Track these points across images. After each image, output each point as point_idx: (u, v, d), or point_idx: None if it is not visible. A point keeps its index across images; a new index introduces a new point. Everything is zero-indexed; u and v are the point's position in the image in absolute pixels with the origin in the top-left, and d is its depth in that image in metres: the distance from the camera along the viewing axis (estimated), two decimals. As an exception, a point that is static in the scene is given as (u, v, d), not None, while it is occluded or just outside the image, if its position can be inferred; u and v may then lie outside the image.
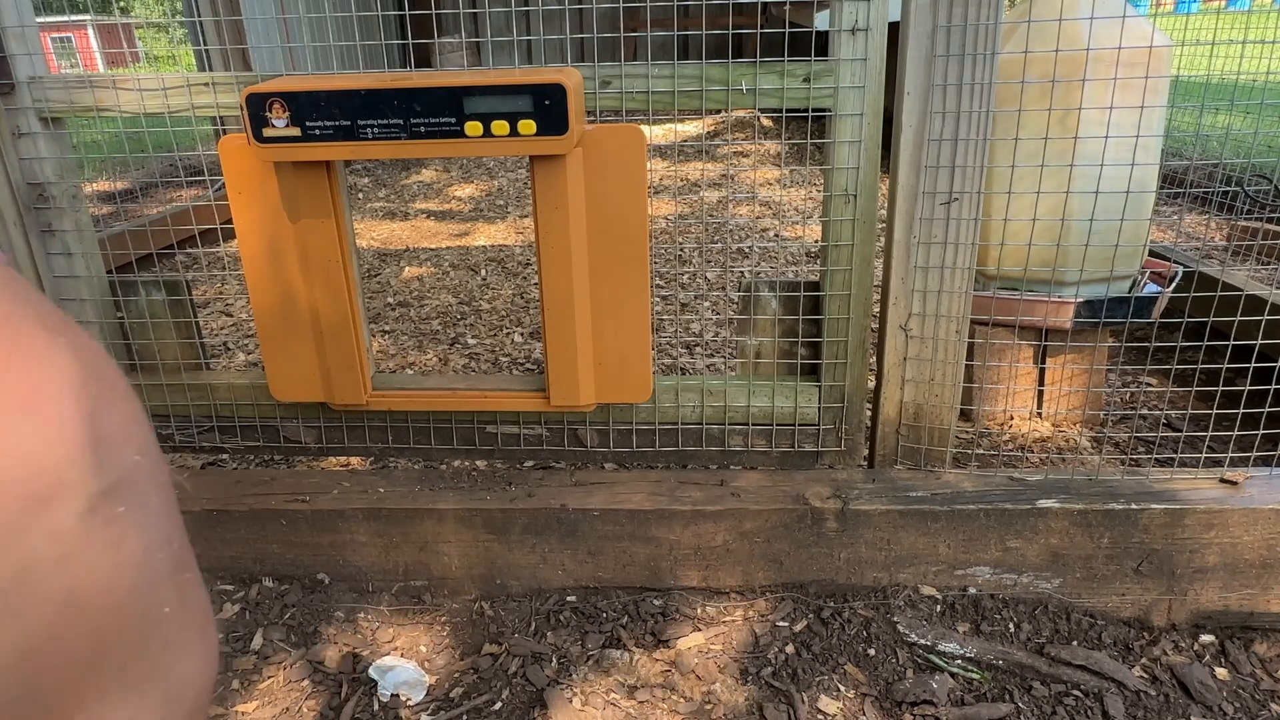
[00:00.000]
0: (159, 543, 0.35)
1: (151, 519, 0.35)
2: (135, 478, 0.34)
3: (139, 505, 0.33)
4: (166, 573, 0.36)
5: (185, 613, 0.37)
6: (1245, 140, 3.63)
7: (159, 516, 0.35)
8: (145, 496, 0.34)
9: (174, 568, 0.37)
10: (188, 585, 0.38)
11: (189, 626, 0.38)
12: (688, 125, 5.69)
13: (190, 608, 0.38)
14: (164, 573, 0.36)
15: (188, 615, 0.38)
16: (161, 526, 0.35)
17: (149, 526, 0.34)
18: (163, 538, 0.35)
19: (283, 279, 1.33)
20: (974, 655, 1.27)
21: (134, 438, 0.34)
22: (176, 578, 0.37)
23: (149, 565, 0.34)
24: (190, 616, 0.38)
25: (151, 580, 0.35)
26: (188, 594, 0.38)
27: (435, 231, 3.75)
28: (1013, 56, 1.42)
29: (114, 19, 17.36)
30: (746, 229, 3.55)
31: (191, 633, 0.38)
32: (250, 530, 1.42)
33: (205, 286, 3.03)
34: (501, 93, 1.15)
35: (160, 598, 0.35)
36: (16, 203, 1.41)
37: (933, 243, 1.33)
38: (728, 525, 1.36)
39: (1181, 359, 2.12)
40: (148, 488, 0.35)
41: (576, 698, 1.21)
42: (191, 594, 0.38)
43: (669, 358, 2.32)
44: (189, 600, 0.38)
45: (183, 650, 0.37)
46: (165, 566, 0.36)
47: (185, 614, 0.37)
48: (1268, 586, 1.32)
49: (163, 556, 0.35)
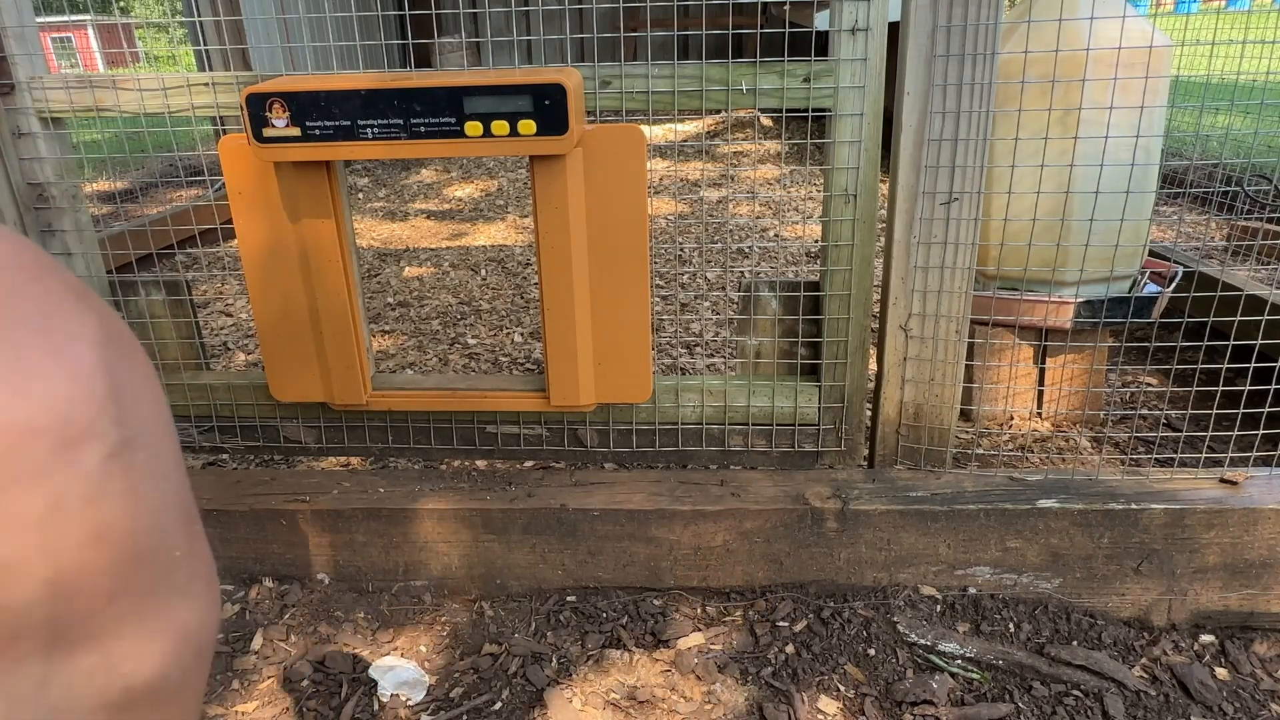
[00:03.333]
0: (171, 492, 0.38)
1: (163, 470, 0.37)
2: (151, 430, 0.37)
3: (153, 457, 0.36)
4: (178, 521, 0.39)
5: (193, 561, 0.40)
6: (1245, 140, 3.63)
7: (171, 468, 0.38)
8: (159, 449, 0.37)
9: (184, 517, 0.40)
10: (195, 537, 0.41)
11: (196, 575, 0.41)
12: (688, 125, 5.69)
13: (197, 557, 0.41)
14: (175, 520, 0.38)
15: (195, 564, 0.41)
16: (173, 477, 0.38)
17: (163, 476, 0.37)
18: (174, 487, 0.39)
19: (283, 279, 1.33)
20: (974, 655, 1.27)
21: (149, 395, 0.37)
22: (186, 526, 0.40)
23: (162, 512, 0.37)
24: (197, 565, 0.41)
25: (164, 526, 0.37)
26: (195, 544, 0.41)
27: (435, 231, 3.75)
28: (1013, 56, 1.42)
29: (114, 19, 17.36)
30: (746, 229, 3.55)
31: (199, 581, 0.41)
32: (250, 530, 1.42)
33: (205, 286, 3.03)
34: (501, 93, 1.15)
35: (173, 542, 0.38)
36: (16, 203, 1.41)
37: (933, 243, 1.33)
38: (728, 525, 1.36)
39: (1181, 359, 2.12)
40: (161, 441, 0.38)
41: (576, 698, 1.21)
42: (198, 545, 0.41)
43: (669, 358, 2.32)
44: (196, 550, 0.41)
45: (191, 595, 0.40)
46: (177, 515, 0.39)
47: (193, 562, 0.40)
48: (1268, 586, 1.32)
49: (174, 505, 0.38)
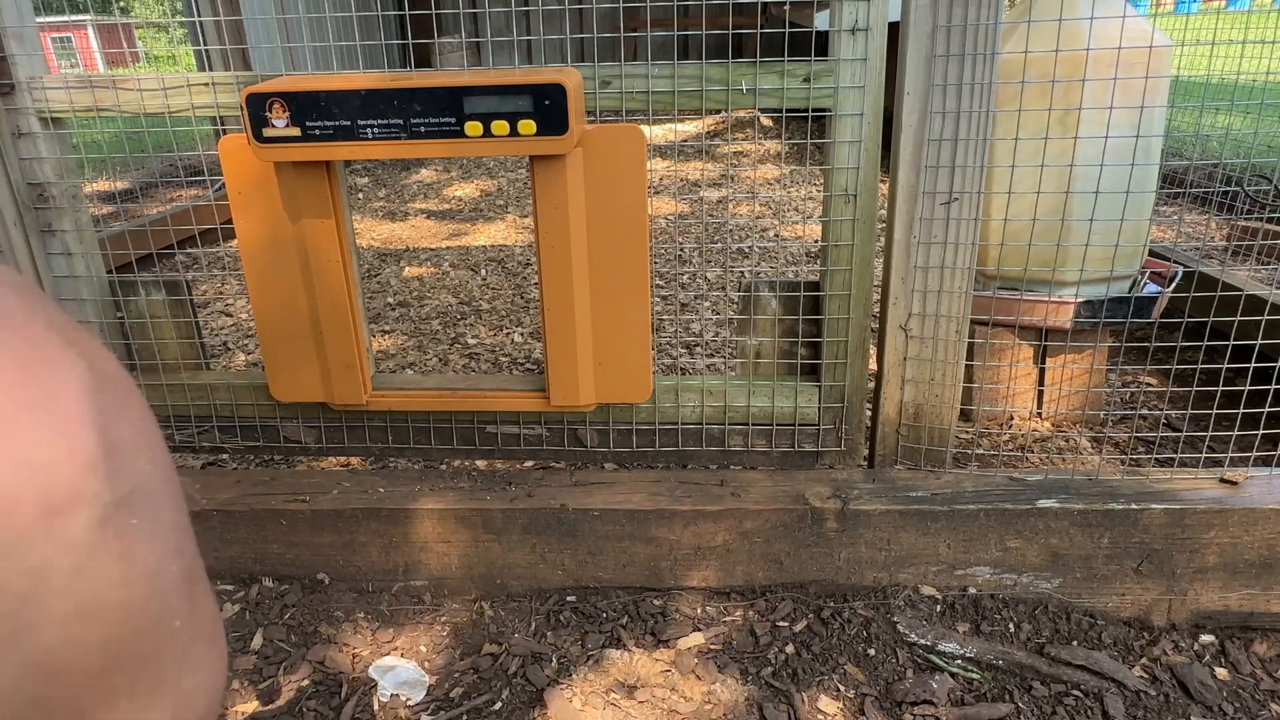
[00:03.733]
0: (170, 554, 0.35)
1: (163, 530, 0.34)
2: (148, 488, 0.34)
3: (151, 516, 0.33)
4: (177, 584, 0.36)
5: (195, 625, 0.37)
6: (1245, 140, 3.63)
7: (170, 527, 0.35)
8: (157, 507, 0.34)
9: (185, 579, 0.36)
10: (198, 596, 0.38)
11: (199, 638, 0.38)
12: (688, 125, 5.69)
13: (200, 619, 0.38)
14: (175, 584, 0.35)
15: (198, 627, 0.38)
16: (173, 538, 0.35)
17: (160, 538, 0.34)
18: (174, 549, 0.35)
19: (283, 279, 1.33)
20: (974, 655, 1.27)
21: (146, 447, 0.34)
22: (187, 589, 0.37)
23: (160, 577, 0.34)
24: (200, 628, 0.38)
25: (162, 592, 0.34)
26: (198, 605, 0.38)
27: (435, 231, 3.75)
28: (1013, 56, 1.42)
29: (114, 19, 17.36)
30: (746, 229, 3.55)
31: (201, 645, 0.38)
32: (250, 530, 1.42)
33: (205, 286, 3.03)
34: (501, 93, 1.15)
35: (171, 610, 0.35)
36: (16, 203, 1.41)
37: (933, 243, 1.33)
38: (728, 525, 1.36)
39: (1181, 359, 2.12)
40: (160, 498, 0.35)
41: (576, 698, 1.21)
42: (202, 605, 0.38)
43: (669, 358, 2.32)
44: (199, 612, 0.38)
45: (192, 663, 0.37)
46: (176, 578, 0.36)
47: (195, 626, 0.37)
48: (1268, 586, 1.32)
49: (174, 568, 0.35)
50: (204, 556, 1.15)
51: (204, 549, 1.43)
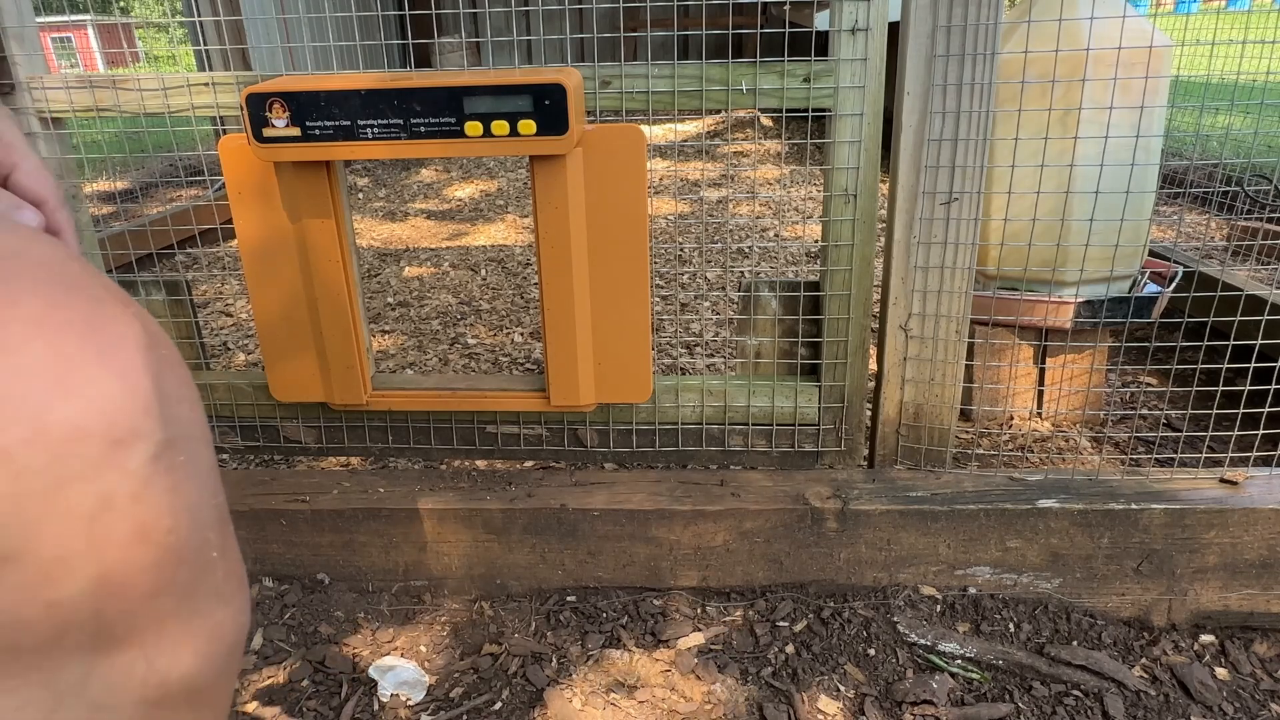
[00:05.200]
0: (209, 493, 0.39)
1: (202, 472, 0.39)
2: (190, 433, 0.38)
3: (193, 458, 0.38)
4: (215, 521, 0.40)
5: (228, 562, 0.41)
6: (1245, 140, 3.63)
7: (208, 470, 0.39)
8: (197, 451, 0.38)
9: (219, 517, 0.40)
10: (229, 538, 0.42)
11: (230, 576, 0.42)
12: (688, 125, 5.69)
13: (231, 559, 0.42)
14: (213, 521, 0.39)
15: (229, 565, 0.42)
16: (210, 480, 0.39)
17: (201, 478, 0.38)
18: (211, 489, 0.40)
19: (283, 279, 1.33)
20: (974, 655, 1.27)
21: (188, 397, 0.38)
22: (221, 528, 0.41)
23: (201, 512, 0.38)
24: (231, 567, 0.42)
25: (203, 526, 0.38)
26: (229, 545, 0.42)
27: (435, 231, 3.75)
28: (1013, 56, 1.42)
29: (114, 19, 17.36)
30: (746, 229, 3.55)
31: (233, 582, 0.42)
32: (250, 530, 1.42)
33: (205, 286, 3.03)
34: (501, 93, 1.15)
35: (209, 544, 0.39)
36: (16, 203, 1.41)
37: (933, 243, 1.33)
38: (728, 525, 1.36)
39: (1181, 359, 2.12)
40: (199, 443, 0.39)
41: (576, 698, 1.21)
42: (231, 546, 0.42)
43: (669, 358, 2.32)
44: (229, 552, 0.42)
45: (225, 596, 0.41)
46: (214, 515, 0.40)
47: (228, 563, 0.41)
48: (1268, 586, 1.32)
49: (211, 506, 0.39)
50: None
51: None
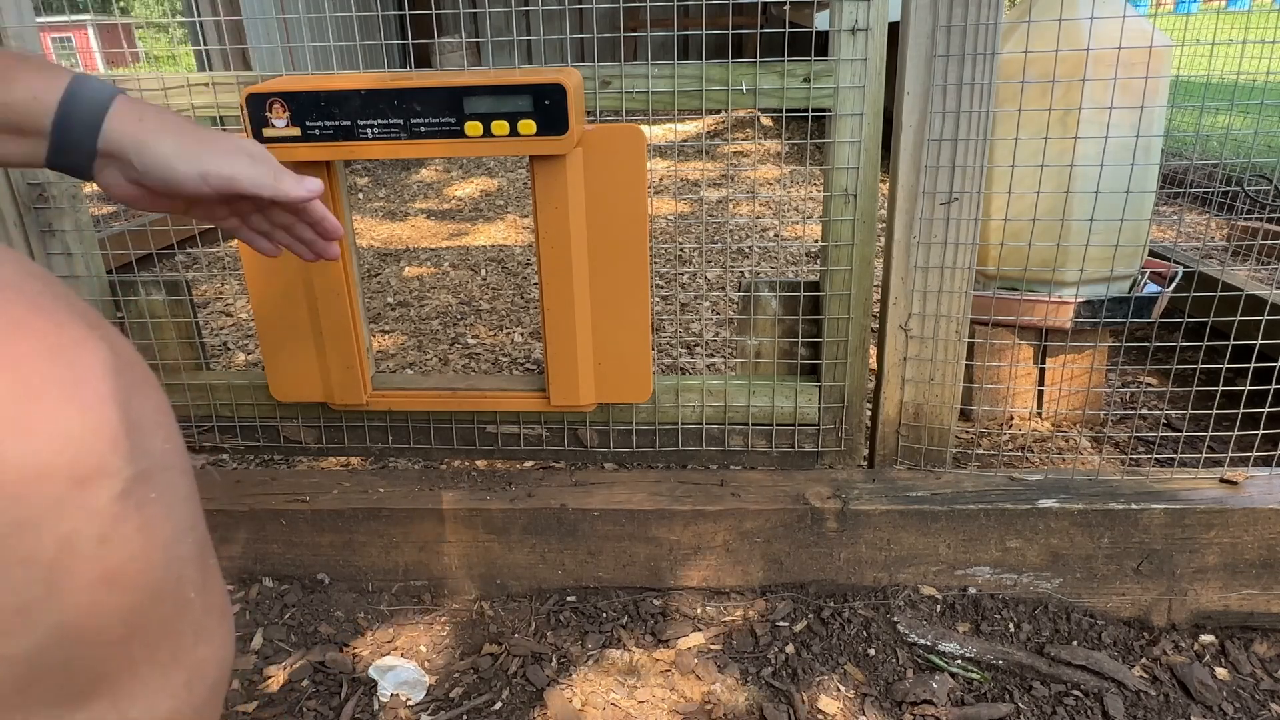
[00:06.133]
0: (185, 528, 0.37)
1: (178, 505, 0.36)
2: (164, 464, 0.35)
3: (167, 491, 0.35)
4: (192, 557, 0.37)
5: (207, 597, 0.39)
6: (1245, 140, 3.63)
7: (184, 502, 0.37)
8: (173, 483, 0.36)
9: (198, 553, 0.38)
10: (209, 571, 0.39)
11: (211, 610, 0.39)
12: (688, 125, 5.69)
13: (211, 593, 0.39)
14: (190, 557, 0.37)
15: (209, 599, 0.39)
16: (186, 513, 0.37)
17: (176, 512, 0.36)
18: (188, 523, 0.37)
19: (283, 279, 1.33)
20: (974, 655, 1.27)
21: (162, 426, 0.36)
22: (200, 562, 0.38)
23: (176, 549, 0.36)
24: (211, 601, 0.39)
25: (179, 563, 0.36)
26: (209, 579, 0.39)
27: (435, 231, 3.75)
28: (1013, 56, 1.42)
29: (114, 19, 17.36)
30: (746, 229, 3.55)
31: (213, 617, 0.39)
32: (250, 530, 1.42)
33: (205, 286, 3.03)
34: (501, 93, 1.15)
35: (187, 580, 0.37)
36: (16, 203, 1.41)
37: (933, 243, 1.33)
38: (728, 525, 1.36)
39: (1181, 359, 2.12)
40: (174, 475, 0.36)
41: (576, 698, 1.21)
42: (212, 579, 0.40)
43: (669, 358, 2.32)
44: (210, 585, 0.39)
45: (206, 633, 0.38)
46: (191, 551, 0.37)
47: (207, 598, 0.39)
48: (1268, 586, 1.32)
49: (189, 541, 0.37)
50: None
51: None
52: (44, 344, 0.31)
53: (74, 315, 0.33)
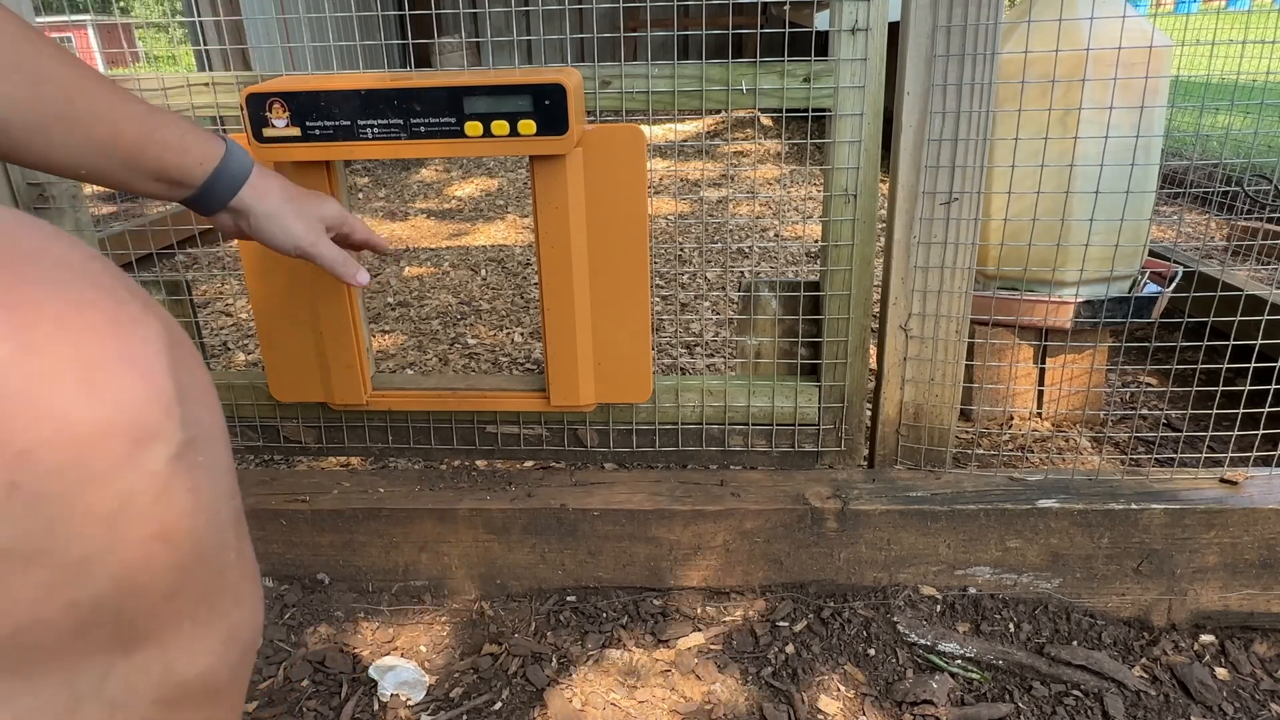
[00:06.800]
0: (226, 494, 0.39)
1: (221, 472, 0.39)
2: (209, 433, 0.38)
3: (212, 458, 0.38)
4: (231, 522, 0.40)
5: (243, 563, 0.41)
6: (1245, 140, 3.63)
7: (226, 471, 0.39)
8: (217, 451, 0.38)
9: (236, 519, 0.41)
10: (244, 539, 0.42)
11: (246, 576, 0.42)
12: (688, 125, 5.69)
13: (246, 559, 0.42)
14: (230, 522, 0.40)
15: (244, 566, 0.42)
16: (227, 481, 0.40)
17: (219, 479, 0.38)
18: (229, 490, 0.40)
19: (283, 279, 1.33)
20: (974, 655, 1.27)
21: (207, 399, 0.39)
22: (238, 529, 0.41)
23: (219, 513, 0.38)
24: (246, 567, 0.42)
25: (221, 526, 0.38)
26: (244, 546, 0.42)
27: (435, 231, 3.75)
28: (1013, 56, 1.42)
29: (114, 19, 17.36)
30: (746, 229, 3.55)
31: (248, 583, 0.42)
32: (250, 530, 1.42)
33: (205, 286, 3.03)
34: (501, 93, 1.15)
35: (227, 544, 0.39)
36: (16, 203, 1.41)
37: (933, 243, 1.33)
38: (728, 525, 1.36)
39: (1181, 359, 2.12)
40: (218, 444, 0.39)
41: (576, 698, 1.21)
42: (246, 547, 0.42)
43: (669, 358, 2.32)
44: (245, 552, 0.42)
45: (241, 597, 0.41)
46: (230, 516, 0.40)
47: (243, 564, 0.41)
48: (1268, 586, 1.32)
49: (229, 507, 0.40)
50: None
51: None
52: (107, 318, 0.34)
53: (132, 294, 0.36)
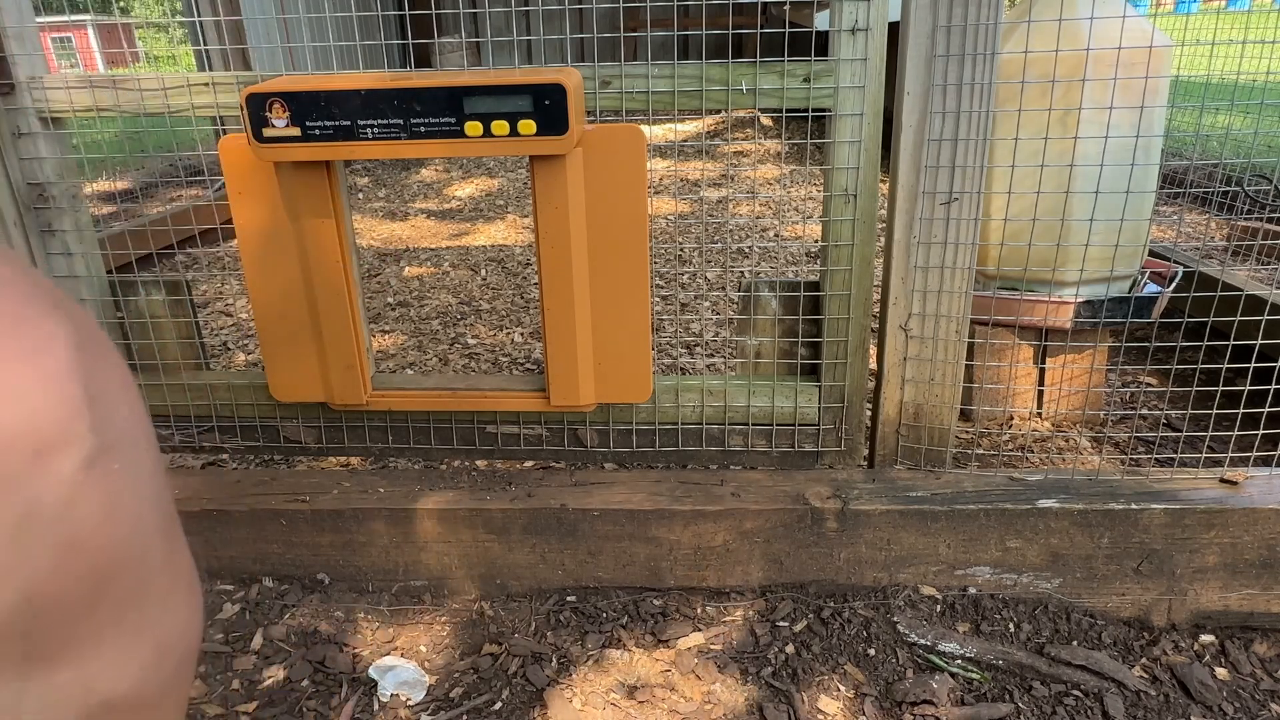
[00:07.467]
0: (149, 500, 0.37)
1: (142, 477, 0.36)
2: (128, 436, 0.36)
3: (131, 463, 0.35)
4: (156, 529, 0.38)
5: (173, 570, 0.39)
6: (1245, 140, 3.63)
7: (149, 475, 0.37)
8: (137, 455, 0.36)
9: (163, 525, 0.38)
10: (175, 545, 0.40)
11: (178, 583, 0.40)
12: (688, 125, 5.69)
13: (178, 567, 0.40)
14: (154, 528, 0.37)
15: (176, 573, 0.40)
16: (150, 485, 0.37)
17: (140, 484, 0.36)
18: (152, 495, 0.37)
19: (283, 279, 1.33)
20: (974, 655, 1.27)
21: (125, 400, 0.36)
22: (165, 535, 0.39)
23: (140, 519, 0.36)
24: (178, 574, 0.40)
25: (143, 534, 0.36)
26: (175, 553, 0.40)
27: (435, 231, 3.75)
28: (1013, 56, 1.42)
29: (114, 19, 17.35)
30: (746, 229, 3.55)
31: (180, 591, 0.40)
32: (250, 530, 1.42)
33: (205, 286, 3.03)
34: (501, 93, 1.15)
35: (151, 552, 0.37)
36: (16, 203, 1.41)
37: (933, 243, 1.33)
38: (728, 525, 1.36)
39: (1181, 359, 2.12)
40: (139, 447, 0.37)
41: (576, 698, 1.21)
42: (178, 553, 0.40)
43: (669, 358, 2.32)
44: (176, 559, 0.40)
45: (172, 605, 0.39)
46: (155, 523, 0.38)
47: (173, 571, 0.39)
48: (1268, 586, 1.32)
49: (153, 513, 0.37)
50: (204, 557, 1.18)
51: (204, 549, 1.43)
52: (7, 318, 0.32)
53: (37, 291, 0.34)
